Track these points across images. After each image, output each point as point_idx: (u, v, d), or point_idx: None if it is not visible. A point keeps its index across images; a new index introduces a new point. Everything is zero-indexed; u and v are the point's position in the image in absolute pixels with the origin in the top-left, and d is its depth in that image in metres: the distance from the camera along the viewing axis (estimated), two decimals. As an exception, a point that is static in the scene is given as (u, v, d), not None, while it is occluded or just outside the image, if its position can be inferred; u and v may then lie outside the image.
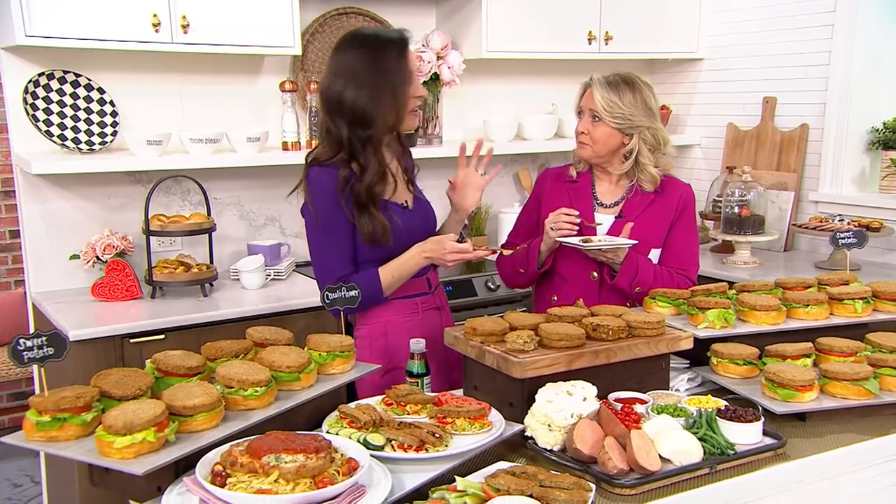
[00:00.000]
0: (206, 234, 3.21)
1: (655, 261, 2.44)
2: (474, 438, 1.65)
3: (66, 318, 2.82)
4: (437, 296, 2.39)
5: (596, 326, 1.90)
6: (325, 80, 2.17)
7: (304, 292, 3.17)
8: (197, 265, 3.17)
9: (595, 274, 2.42)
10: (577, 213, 2.37)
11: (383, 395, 1.83)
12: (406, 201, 2.28)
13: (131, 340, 2.76)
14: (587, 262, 2.42)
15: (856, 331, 2.17)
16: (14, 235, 5.00)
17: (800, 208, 3.88)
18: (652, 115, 2.42)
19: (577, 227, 2.36)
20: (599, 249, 2.33)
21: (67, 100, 3.13)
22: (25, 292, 3.31)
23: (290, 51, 3.28)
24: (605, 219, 2.46)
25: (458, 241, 2.17)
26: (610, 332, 1.89)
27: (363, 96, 2.08)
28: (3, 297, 4.84)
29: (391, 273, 2.19)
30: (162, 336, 2.80)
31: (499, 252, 2.52)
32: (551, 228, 2.36)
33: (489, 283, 3.47)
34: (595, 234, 2.42)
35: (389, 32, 2.17)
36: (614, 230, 2.43)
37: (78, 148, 3.12)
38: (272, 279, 3.33)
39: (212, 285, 3.18)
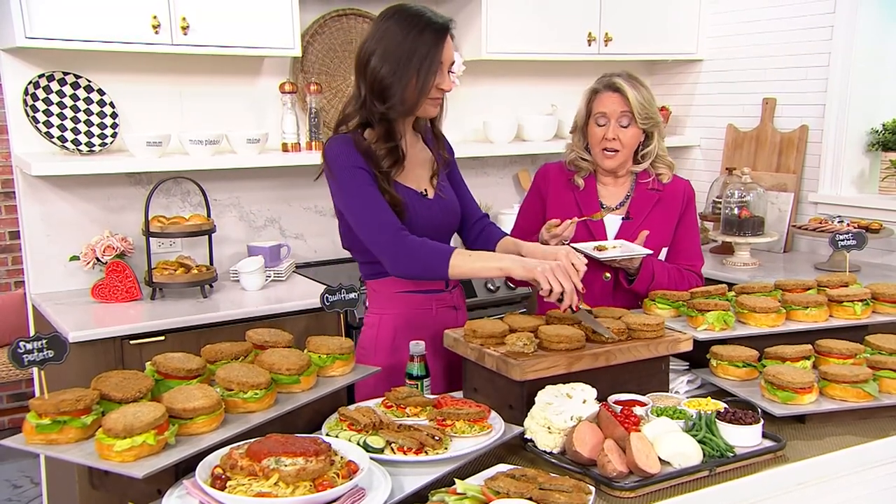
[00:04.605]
0: (206, 236, 3.21)
1: (663, 257, 2.45)
2: (474, 441, 1.65)
3: (65, 319, 2.82)
4: (454, 295, 2.29)
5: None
6: (364, 38, 2.10)
7: (304, 293, 3.17)
8: (197, 266, 3.17)
9: (608, 275, 2.42)
10: (569, 221, 2.31)
11: (383, 398, 1.83)
12: (425, 190, 2.19)
13: (131, 342, 2.76)
14: (599, 264, 2.38)
15: (855, 333, 2.17)
16: (14, 236, 5.00)
17: (799, 209, 3.89)
18: (657, 110, 2.45)
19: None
20: (614, 259, 2.29)
21: (67, 101, 3.13)
22: (25, 293, 3.31)
23: (290, 52, 3.28)
24: (612, 220, 2.46)
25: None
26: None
27: (386, 68, 2.01)
28: (2, 297, 4.84)
29: (467, 255, 2.00)
30: (162, 337, 2.81)
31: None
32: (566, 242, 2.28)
33: (489, 285, 3.47)
34: (605, 238, 2.41)
35: (435, 16, 2.06)
36: (625, 233, 2.42)
37: (78, 149, 3.13)
38: (272, 280, 3.33)
39: (211, 286, 3.19)
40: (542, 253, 2.07)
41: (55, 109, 3.11)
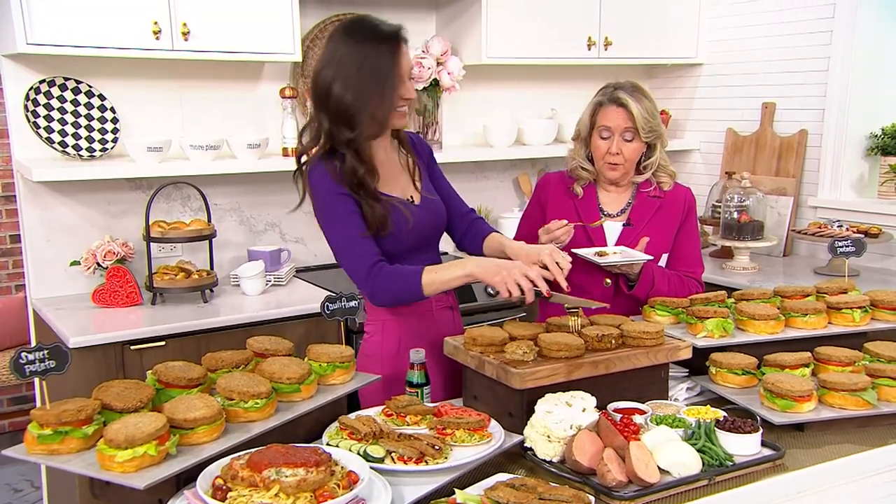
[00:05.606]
0: (207, 241, 3.21)
1: (664, 264, 2.45)
2: (474, 450, 1.65)
3: (66, 324, 2.82)
4: (449, 295, 2.31)
5: (601, 337, 1.91)
6: (317, 65, 2.05)
7: (305, 298, 3.18)
8: (197, 271, 3.17)
9: (609, 281, 2.42)
10: (565, 222, 2.31)
11: (383, 406, 1.83)
12: (411, 196, 2.18)
13: (132, 347, 2.77)
14: (599, 270, 2.39)
15: (854, 340, 2.17)
16: (15, 240, 5.00)
17: (799, 214, 3.89)
18: (660, 121, 2.44)
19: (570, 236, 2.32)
20: (615, 265, 2.30)
21: (68, 107, 3.13)
22: (26, 298, 3.31)
23: (291, 57, 3.29)
24: (613, 227, 2.47)
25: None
26: (612, 342, 1.90)
27: (349, 95, 1.97)
28: (3, 301, 4.85)
29: (434, 271, 2.04)
30: (162, 343, 2.81)
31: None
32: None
33: (489, 289, 3.47)
34: (605, 244, 2.41)
35: (386, 28, 2.01)
36: (625, 240, 2.42)
37: (79, 155, 3.13)
38: (272, 285, 3.34)
39: (212, 291, 3.19)
40: (525, 252, 2.11)
41: (56, 115, 3.11)
